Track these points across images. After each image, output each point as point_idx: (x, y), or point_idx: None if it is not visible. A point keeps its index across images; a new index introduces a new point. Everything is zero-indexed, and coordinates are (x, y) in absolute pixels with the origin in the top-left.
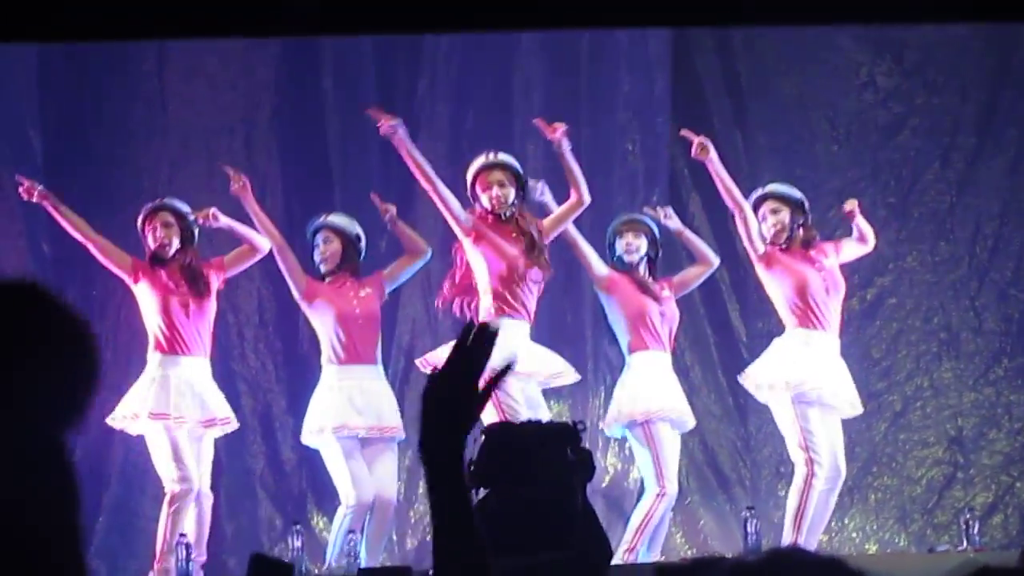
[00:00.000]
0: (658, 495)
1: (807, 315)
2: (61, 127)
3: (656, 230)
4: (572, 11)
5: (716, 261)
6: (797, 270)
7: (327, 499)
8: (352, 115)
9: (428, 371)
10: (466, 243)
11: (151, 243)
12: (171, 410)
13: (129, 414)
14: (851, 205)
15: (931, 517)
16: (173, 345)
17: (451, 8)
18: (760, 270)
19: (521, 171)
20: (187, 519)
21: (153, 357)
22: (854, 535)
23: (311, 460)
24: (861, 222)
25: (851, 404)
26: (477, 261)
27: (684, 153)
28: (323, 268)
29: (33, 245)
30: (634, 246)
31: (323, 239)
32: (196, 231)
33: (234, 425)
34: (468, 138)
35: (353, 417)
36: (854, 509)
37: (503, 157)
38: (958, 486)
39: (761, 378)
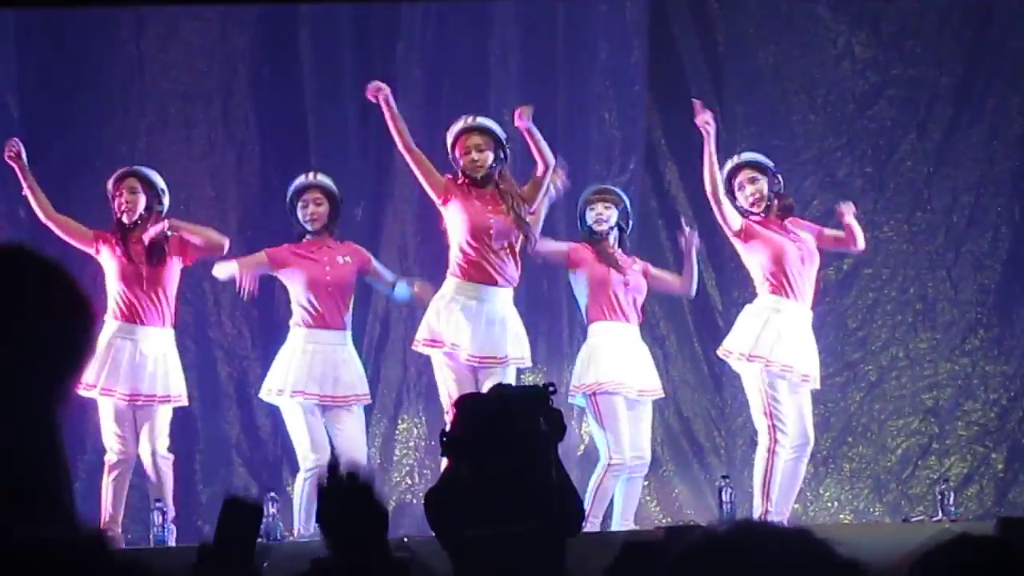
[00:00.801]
0: (607, 466)
1: (781, 284)
2: (38, 92)
3: (627, 202)
4: None
5: (691, 294)
6: (774, 240)
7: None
8: (329, 81)
9: (420, 349)
10: (441, 208)
11: (116, 209)
12: (118, 385)
13: (84, 384)
14: (848, 210)
15: (906, 487)
16: (129, 314)
17: None
18: (737, 244)
19: (501, 135)
20: (125, 486)
21: (110, 325)
22: (829, 504)
23: (284, 426)
24: (855, 227)
25: (812, 378)
26: (450, 222)
27: (661, 122)
28: (310, 227)
29: (10, 211)
30: (604, 216)
31: (312, 199)
32: (165, 201)
33: (183, 403)
34: (445, 105)
35: (310, 384)
36: (829, 479)
37: (481, 121)
38: (933, 456)
39: (731, 345)
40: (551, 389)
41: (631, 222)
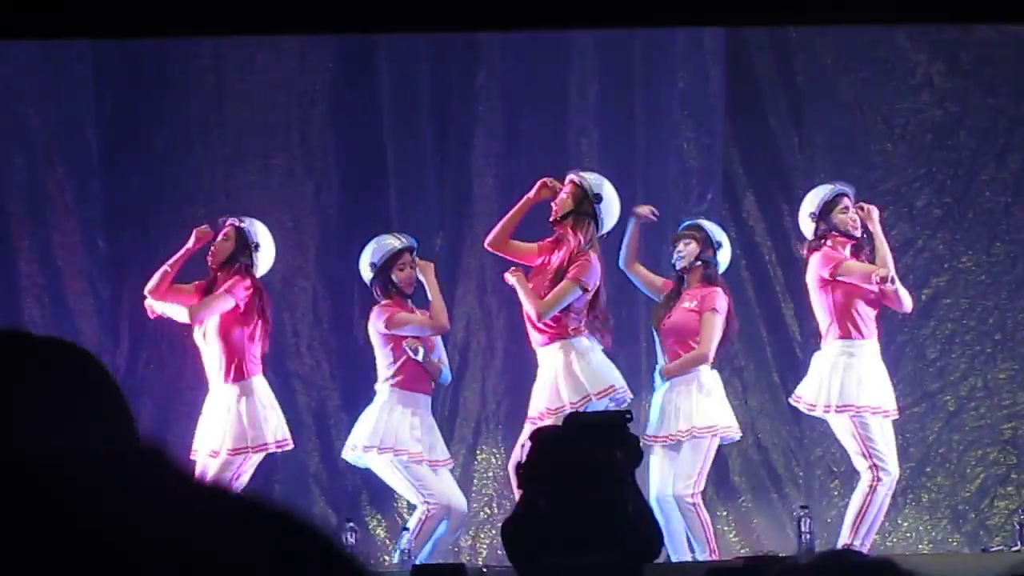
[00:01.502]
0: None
1: (855, 324)
2: (117, 124)
3: (710, 231)
4: (627, 9)
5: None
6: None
7: (381, 497)
8: (408, 111)
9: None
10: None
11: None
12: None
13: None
14: (883, 274)
15: (984, 517)
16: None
17: (506, 5)
18: (824, 288)
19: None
20: None
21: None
22: (907, 535)
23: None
24: (901, 291)
25: (892, 411)
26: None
27: (739, 152)
28: (409, 290)
29: (87, 241)
30: (681, 253)
31: (408, 263)
32: (255, 257)
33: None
34: (524, 135)
35: (412, 444)
36: (907, 509)
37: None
38: (1012, 487)
39: (811, 396)
40: (628, 416)
41: (716, 251)
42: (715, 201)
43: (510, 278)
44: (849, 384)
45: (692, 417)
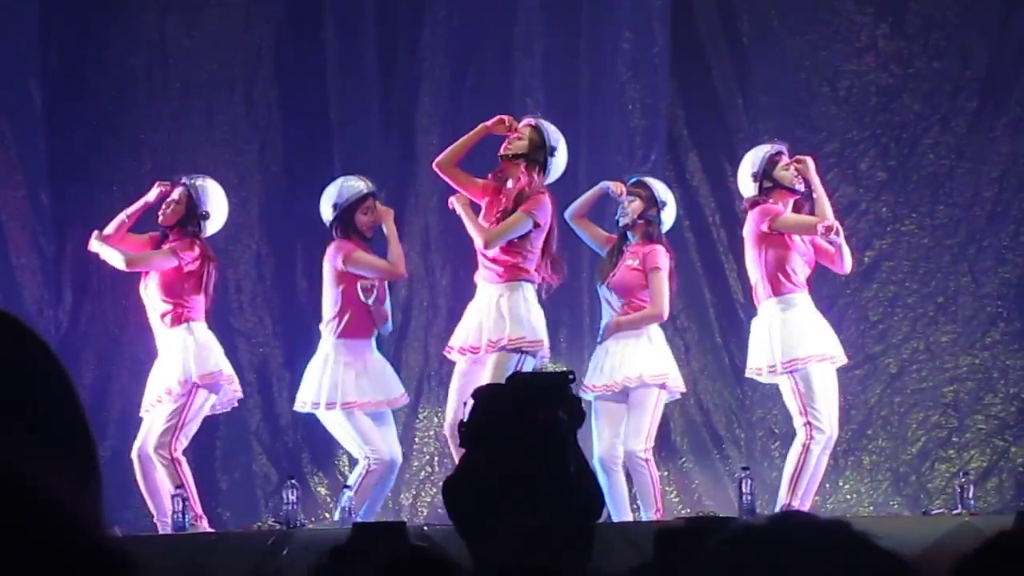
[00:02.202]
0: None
1: (790, 279)
2: (61, 79)
3: (655, 190)
4: None
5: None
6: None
7: (322, 455)
8: (353, 69)
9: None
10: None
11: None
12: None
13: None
14: (829, 223)
15: (925, 480)
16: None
17: None
18: (759, 245)
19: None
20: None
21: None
22: (848, 497)
23: (306, 415)
24: (845, 248)
25: (837, 357)
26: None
27: (684, 113)
28: (369, 234)
29: (32, 195)
30: (625, 210)
31: (371, 208)
32: (203, 225)
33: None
34: (469, 92)
35: (359, 395)
36: (848, 471)
37: None
38: (953, 450)
39: (757, 362)
40: (571, 377)
41: (659, 210)
42: (659, 161)
43: (455, 204)
44: (789, 338)
45: (643, 367)
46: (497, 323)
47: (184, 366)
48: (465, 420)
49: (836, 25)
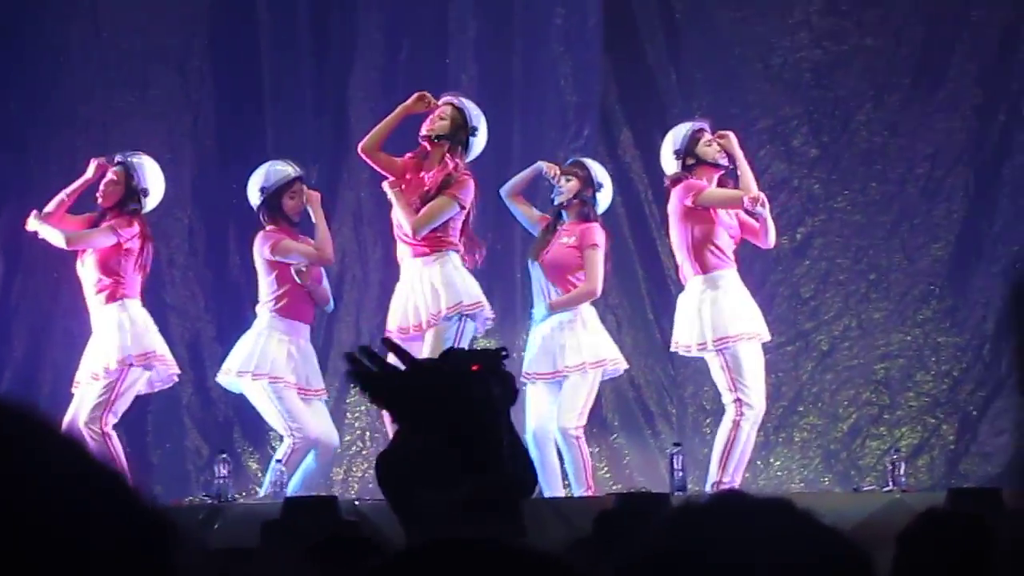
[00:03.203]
0: None
1: (717, 256)
2: None
3: (593, 172)
4: None
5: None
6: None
7: (253, 429)
8: (286, 44)
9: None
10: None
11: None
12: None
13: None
14: (755, 195)
15: (856, 457)
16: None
17: None
18: (683, 221)
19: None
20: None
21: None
22: (779, 474)
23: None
24: (770, 221)
25: (762, 335)
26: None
27: (617, 87)
28: (297, 219)
29: None
30: (561, 189)
31: (299, 192)
32: (144, 202)
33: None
34: (403, 67)
35: (288, 374)
36: (780, 448)
37: None
38: (884, 427)
39: (683, 338)
40: (504, 353)
41: (601, 188)
42: (592, 136)
43: (388, 190)
44: (719, 317)
45: (581, 352)
46: (432, 297)
47: (120, 344)
48: (395, 395)
49: (770, 1)
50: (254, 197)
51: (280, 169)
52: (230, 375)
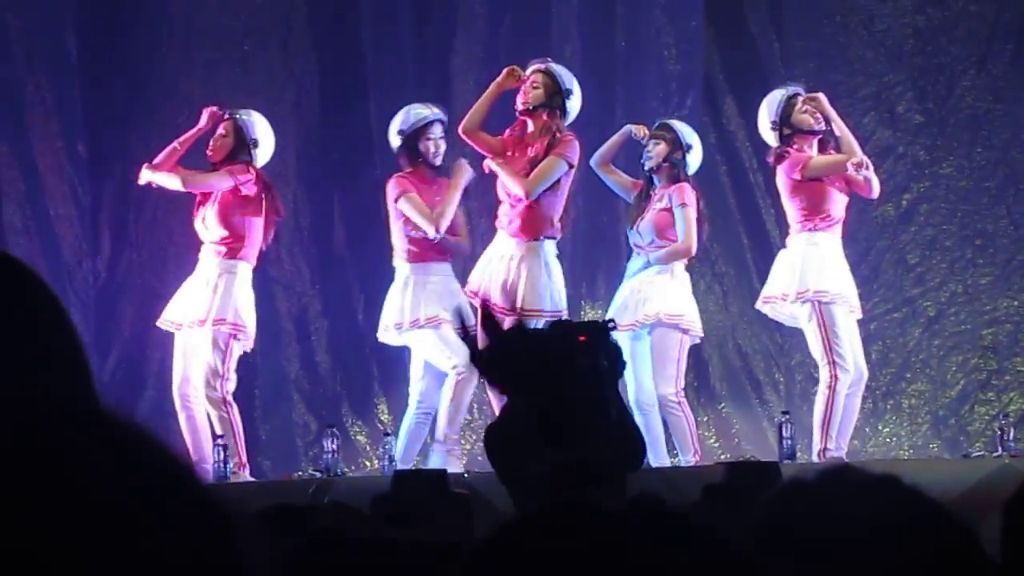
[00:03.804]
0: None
1: (822, 217)
2: (97, 29)
3: (680, 133)
4: None
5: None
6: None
7: (361, 402)
8: (388, 18)
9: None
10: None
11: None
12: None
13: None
14: (857, 160)
15: (965, 423)
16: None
17: None
18: (790, 184)
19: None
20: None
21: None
22: (888, 440)
23: (346, 363)
24: (872, 176)
25: (857, 307)
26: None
27: (719, 57)
28: (436, 161)
29: (69, 146)
30: (650, 153)
31: (437, 135)
32: (255, 153)
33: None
34: (505, 39)
35: (441, 312)
36: (888, 415)
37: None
38: (992, 392)
39: (775, 290)
40: (611, 325)
41: (690, 149)
42: (695, 106)
43: (491, 164)
44: (822, 272)
45: (663, 304)
46: (517, 291)
47: (221, 306)
48: (503, 363)
49: None
50: (394, 140)
51: (416, 112)
52: (388, 332)
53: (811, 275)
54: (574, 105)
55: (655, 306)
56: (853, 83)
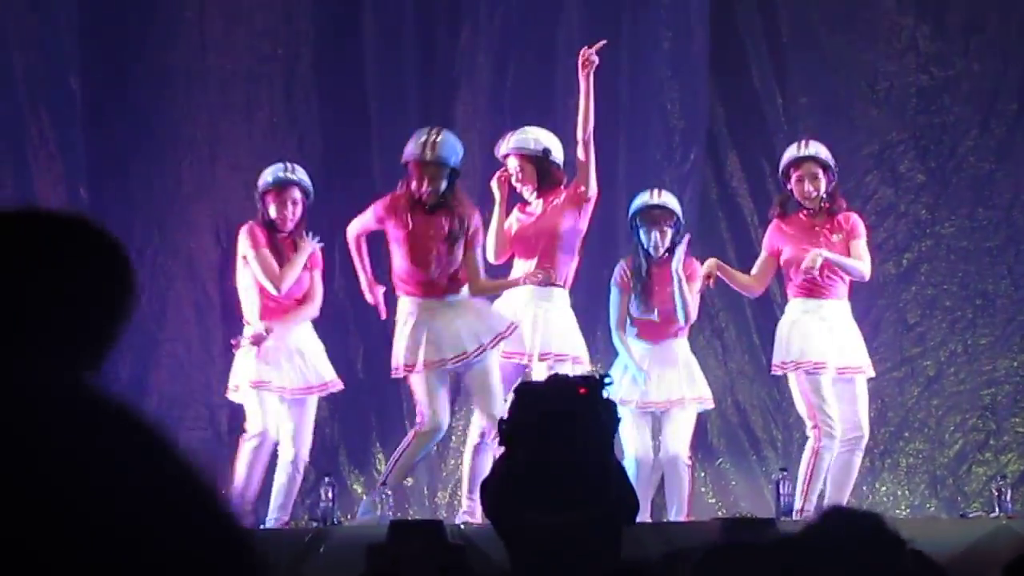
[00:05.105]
0: None
1: (807, 286)
2: (100, 73)
3: (679, 212)
4: None
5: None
6: (799, 242)
7: (359, 451)
8: (392, 65)
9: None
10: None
11: (273, 213)
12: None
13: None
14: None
15: (962, 483)
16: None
17: None
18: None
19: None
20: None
21: (258, 325)
22: (885, 499)
23: (343, 412)
24: (848, 261)
25: (855, 369)
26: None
27: (723, 111)
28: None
29: (71, 190)
30: (662, 243)
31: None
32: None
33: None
34: (509, 93)
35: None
36: (885, 473)
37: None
38: (990, 453)
39: (776, 358)
40: (608, 380)
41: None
42: (698, 161)
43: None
44: (796, 341)
45: (684, 390)
46: (546, 337)
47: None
48: (505, 418)
49: (876, 25)
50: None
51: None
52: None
53: (795, 344)
54: (558, 155)
55: (678, 392)
56: (855, 141)
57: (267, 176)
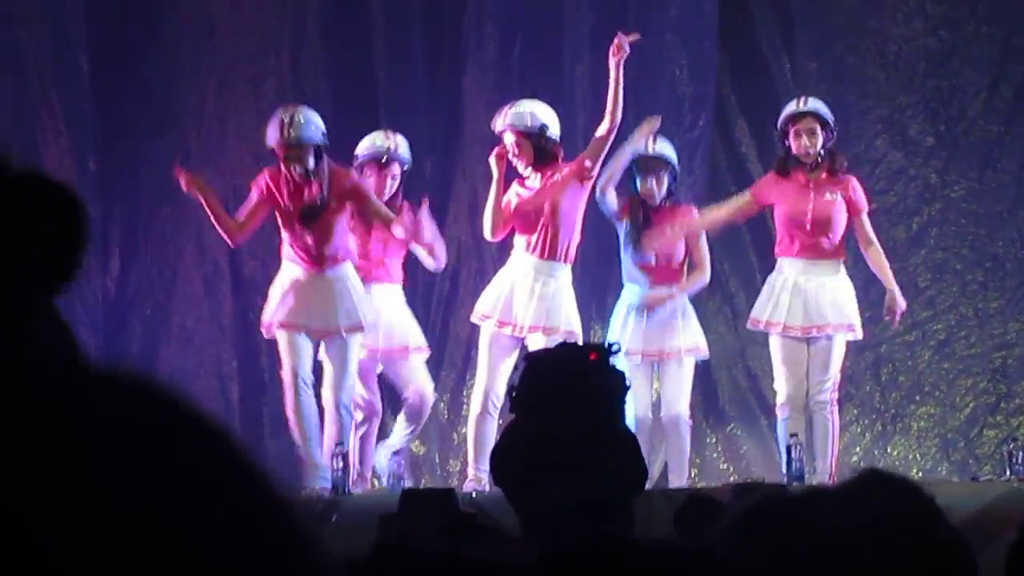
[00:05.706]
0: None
1: (790, 243)
2: (109, 50)
3: (675, 161)
4: None
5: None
6: (788, 198)
7: None
8: (399, 36)
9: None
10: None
11: (382, 187)
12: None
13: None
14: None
15: (974, 447)
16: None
17: None
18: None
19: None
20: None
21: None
22: (897, 463)
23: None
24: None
25: (828, 329)
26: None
27: (731, 78)
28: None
29: (80, 162)
30: (658, 190)
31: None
32: None
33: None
34: (517, 61)
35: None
36: (897, 437)
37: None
38: (1001, 416)
39: (757, 317)
40: (615, 348)
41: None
42: (707, 127)
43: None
44: (767, 303)
45: (685, 335)
46: (534, 310)
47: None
48: (515, 385)
49: None
50: None
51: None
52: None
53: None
54: (554, 131)
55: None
56: (864, 105)
57: (366, 145)
